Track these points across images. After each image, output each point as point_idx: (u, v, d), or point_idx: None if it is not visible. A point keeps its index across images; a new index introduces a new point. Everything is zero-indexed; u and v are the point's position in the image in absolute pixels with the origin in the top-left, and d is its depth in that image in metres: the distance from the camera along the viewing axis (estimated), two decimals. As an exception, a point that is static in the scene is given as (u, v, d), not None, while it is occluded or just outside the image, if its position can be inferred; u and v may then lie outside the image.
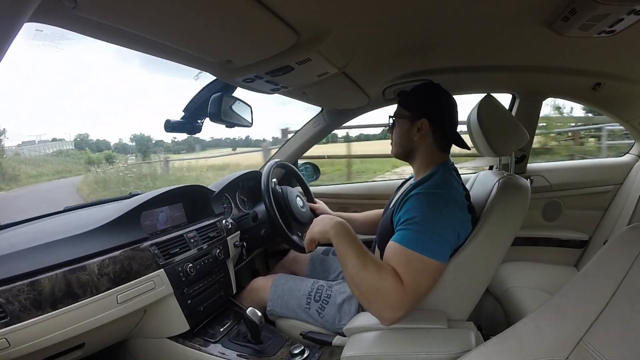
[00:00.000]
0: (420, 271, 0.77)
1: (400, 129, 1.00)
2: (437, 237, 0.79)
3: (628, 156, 1.65)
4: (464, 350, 0.72)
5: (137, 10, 0.52)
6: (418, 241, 0.78)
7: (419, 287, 0.77)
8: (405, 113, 0.99)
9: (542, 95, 1.47)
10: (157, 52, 0.70)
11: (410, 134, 0.97)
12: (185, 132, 1.17)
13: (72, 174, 10.06)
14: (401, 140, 1.00)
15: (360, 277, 0.77)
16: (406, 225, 0.81)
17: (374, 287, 0.75)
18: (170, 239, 1.02)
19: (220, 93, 1.02)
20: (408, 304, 0.76)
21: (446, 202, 0.84)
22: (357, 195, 1.74)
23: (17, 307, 0.68)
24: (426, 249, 0.77)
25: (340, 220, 0.86)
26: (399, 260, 0.78)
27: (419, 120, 0.95)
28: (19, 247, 0.75)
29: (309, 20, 0.68)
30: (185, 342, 1.00)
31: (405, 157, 1.02)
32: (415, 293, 0.77)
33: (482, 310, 1.45)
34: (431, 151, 0.97)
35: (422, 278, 0.77)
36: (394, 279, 0.75)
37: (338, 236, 0.82)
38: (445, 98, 0.97)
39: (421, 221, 0.80)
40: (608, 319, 0.55)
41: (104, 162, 11.11)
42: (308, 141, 1.67)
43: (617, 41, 0.84)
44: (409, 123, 0.97)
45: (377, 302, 0.76)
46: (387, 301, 0.75)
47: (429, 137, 0.96)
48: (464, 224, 0.85)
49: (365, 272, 0.76)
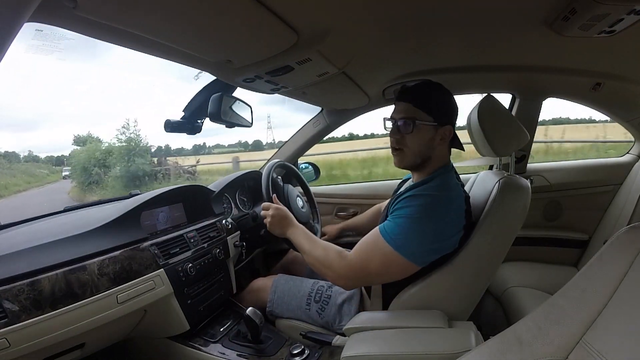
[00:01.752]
0: (376, 254, 0.83)
1: (422, 136, 0.88)
2: (415, 238, 0.81)
3: (628, 156, 1.65)
4: (464, 350, 0.72)
5: (137, 10, 0.52)
6: (394, 234, 0.82)
7: (368, 265, 0.83)
8: (427, 118, 0.87)
9: (542, 95, 1.47)
10: (157, 52, 0.70)
11: (433, 142, 0.88)
12: (185, 132, 1.17)
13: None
14: (421, 149, 0.89)
15: (311, 257, 0.92)
16: (395, 217, 0.85)
17: (322, 262, 0.89)
18: (170, 239, 1.02)
19: (220, 93, 1.02)
20: (354, 276, 0.85)
21: (442, 207, 0.84)
22: (357, 195, 1.74)
23: (17, 307, 0.67)
24: (396, 242, 0.81)
25: (289, 221, 1.01)
26: (369, 240, 0.86)
27: (444, 127, 0.88)
28: (19, 247, 0.75)
29: (309, 20, 0.68)
30: (185, 342, 1.00)
31: (418, 167, 0.92)
32: (363, 269, 0.84)
33: (482, 310, 1.45)
34: (441, 157, 0.92)
35: (376, 260, 0.83)
36: (336, 252, 0.88)
37: (292, 234, 0.98)
38: (454, 99, 0.94)
39: (410, 219, 0.82)
40: (608, 319, 0.55)
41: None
42: (308, 141, 1.67)
43: (617, 41, 0.84)
44: (433, 130, 0.87)
45: (328, 273, 0.88)
46: (336, 272, 0.86)
47: (446, 144, 0.91)
48: (454, 229, 0.85)
49: (312, 250, 0.91)
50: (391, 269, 0.83)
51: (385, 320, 0.87)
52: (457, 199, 0.87)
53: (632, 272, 0.56)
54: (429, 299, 0.88)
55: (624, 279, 0.57)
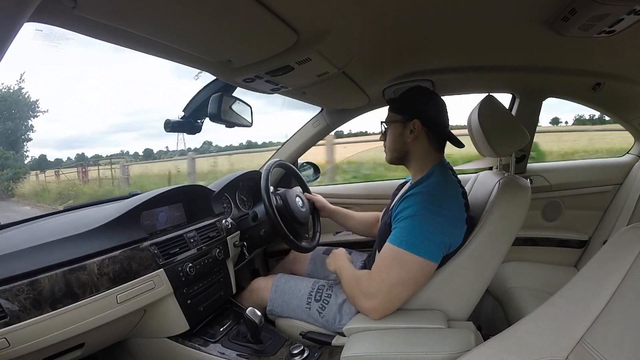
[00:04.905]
0: (390, 261, 0.83)
1: (393, 133, 1.00)
2: (423, 234, 0.82)
3: (628, 156, 1.65)
4: (464, 350, 0.72)
5: (137, 10, 0.52)
6: (402, 237, 0.83)
7: (388, 276, 0.83)
8: (397, 117, 0.99)
9: (542, 95, 1.47)
10: (157, 52, 0.70)
11: (403, 136, 0.98)
12: (185, 132, 1.17)
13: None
14: (395, 145, 1.00)
15: (345, 285, 0.94)
16: (399, 222, 0.86)
17: (350, 284, 0.91)
18: (170, 239, 1.01)
19: (220, 93, 1.03)
20: (376, 291, 0.84)
21: (443, 201, 0.86)
22: (357, 195, 1.74)
23: (17, 306, 0.67)
24: (406, 243, 0.82)
25: (344, 256, 1.04)
26: (380, 255, 0.86)
27: (411, 121, 0.96)
28: (19, 247, 0.75)
29: (309, 20, 0.67)
30: (185, 342, 1.00)
31: (400, 161, 1.02)
32: (382, 281, 0.83)
33: (482, 310, 1.45)
34: (426, 152, 0.97)
35: (391, 267, 0.83)
36: (362, 274, 0.89)
37: (340, 267, 0.99)
38: (434, 97, 0.99)
39: (412, 218, 0.84)
40: (608, 319, 0.56)
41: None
42: (308, 141, 1.67)
43: (617, 41, 0.84)
44: (401, 126, 0.98)
45: (354, 295, 0.89)
46: (359, 290, 0.87)
47: (422, 137, 0.96)
48: (458, 223, 0.87)
49: (347, 279, 0.93)
50: (412, 272, 0.83)
51: (385, 321, 0.86)
52: (455, 193, 0.91)
53: (632, 272, 0.56)
54: (428, 299, 0.88)
55: (624, 279, 0.57)
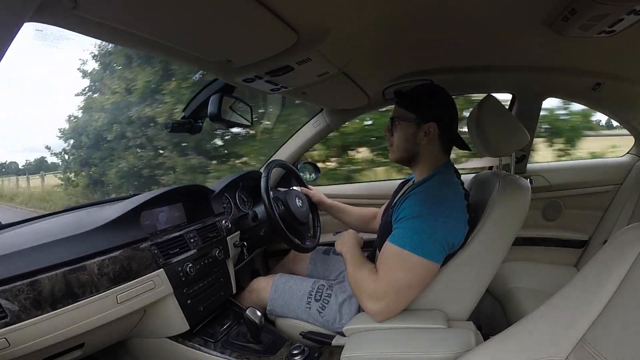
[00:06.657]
0: (397, 263, 0.82)
1: (405, 132, 0.94)
2: (426, 235, 0.81)
3: (628, 156, 1.65)
4: (464, 350, 0.72)
5: (137, 10, 0.52)
6: (406, 238, 0.82)
7: (394, 278, 0.81)
8: (409, 115, 0.94)
9: (542, 95, 1.47)
10: (157, 52, 0.70)
11: (416, 137, 0.93)
12: (186, 132, 1.17)
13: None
14: (405, 145, 0.95)
15: (350, 277, 0.91)
16: (401, 222, 0.85)
17: (356, 280, 0.88)
18: (170, 239, 1.01)
19: (220, 93, 1.03)
20: (383, 294, 0.82)
21: (446, 202, 0.85)
22: (357, 195, 1.73)
23: (17, 306, 0.67)
24: (410, 245, 0.80)
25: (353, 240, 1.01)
26: (384, 256, 0.84)
27: (427, 124, 0.91)
28: (19, 247, 0.75)
29: (309, 20, 0.67)
30: (185, 342, 1.00)
31: (408, 162, 0.98)
32: (390, 284, 0.81)
33: (482, 310, 1.44)
34: (435, 155, 0.95)
35: (398, 270, 0.81)
36: (368, 271, 0.87)
37: (347, 252, 0.97)
38: (450, 100, 0.96)
39: (415, 218, 0.83)
40: (608, 319, 0.56)
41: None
42: (308, 141, 1.67)
43: (617, 41, 0.84)
44: (415, 127, 0.93)
45: (360, 294, 0.87)
46: (365, 291, 0.85)
47: (435, 141, 0.93)
48: (460, 224, 0.86)
49: (353, 271, 0.91)
50: (419, 275, 0.82)
51: (385, 321, 0.86)
52: (458, 194, 0.89)
53: (632, 272, 0.56)
54: (428, 299, 0.88)
55: (624, 279, 0.57)
